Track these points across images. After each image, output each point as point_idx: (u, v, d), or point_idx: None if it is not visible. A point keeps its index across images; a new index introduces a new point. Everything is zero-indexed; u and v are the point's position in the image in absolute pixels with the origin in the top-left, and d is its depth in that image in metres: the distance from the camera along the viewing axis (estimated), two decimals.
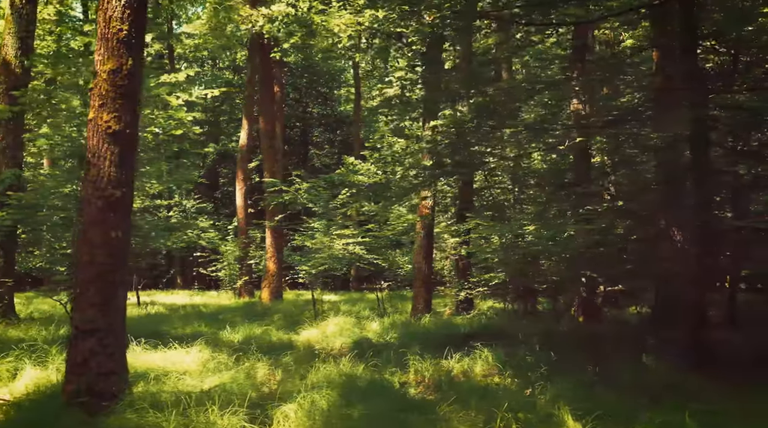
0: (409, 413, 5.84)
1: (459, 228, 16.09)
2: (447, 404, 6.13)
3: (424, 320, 12.92)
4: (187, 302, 21.00)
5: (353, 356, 9.93)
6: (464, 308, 16.25)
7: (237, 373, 7.24)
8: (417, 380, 8.19)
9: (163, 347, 8.63)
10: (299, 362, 8.70)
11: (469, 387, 7.36)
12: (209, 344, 9.34)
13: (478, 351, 9.06)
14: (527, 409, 5.63)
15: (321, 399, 5.93)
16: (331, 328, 12.69)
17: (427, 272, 13.57)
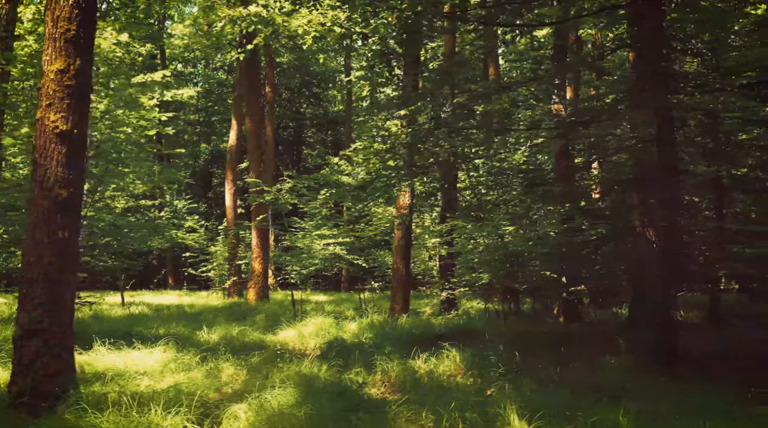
0: (359, 413, 5.86)
1: (441, 228, 16.10)
2: (401, 404, 6.14)
3: (401, 320, 12.93)
4: (174, 303, 21.00)
5: (322, 356, 10.02)
6: (447, 309, 16.28)
7: (197, 374, 7.25)
8: (383, 380, 8.20)
9: (129, 347, 8.60)
10: (266, 362, 8.71)
11: (431, 387, 7.37)
12: (179, 344, 9.34)
13: (446, 351, 9.07)
14: (475, 409, 5.63)
15: (273, 399, 5.94)
16: (308, 329, 12.70)
17: (404, 273, 13.56)
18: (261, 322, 14.38)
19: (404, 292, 13.58)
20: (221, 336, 11.68)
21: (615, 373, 7.50)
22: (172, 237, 21.04)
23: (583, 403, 5.73)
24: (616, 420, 5.11)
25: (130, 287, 27.93)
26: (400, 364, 8.63)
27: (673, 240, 8.86)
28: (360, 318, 13.88)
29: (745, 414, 5.42)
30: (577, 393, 6.30)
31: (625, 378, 7.28)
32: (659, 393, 6.42)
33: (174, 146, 38.54)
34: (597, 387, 6.75)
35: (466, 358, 8.81)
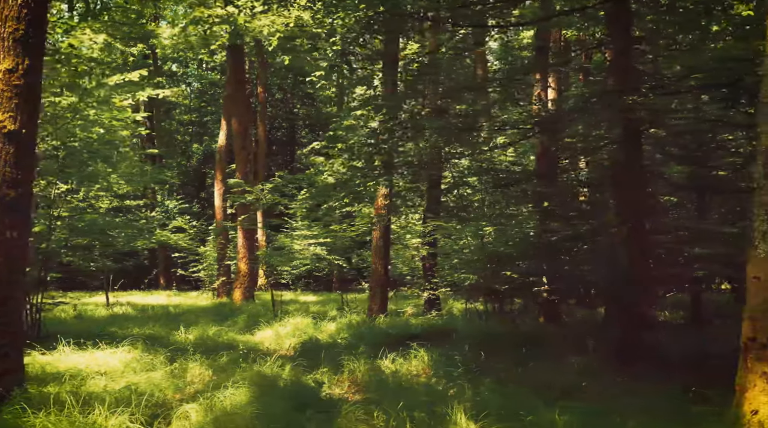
0: (309, 412, 5.87)
1: (424, 228, 16.12)
2: (355, 403, 6.14)
3: (379, 320, 12.95)
4: (162, 303, 21.02)
5: (293, 356, 10.04)
6: (430, 309, 16.30)
7: (159, 374, 7.25)
8: (350, 380, 8.20)
9: (94, 348, 8.60)
10: (234, 362, 8.70)
11: (393, 387, 7.37)
12: (149, 345, 9.33)
13: (415, 351, 9.08)
14: (423, 408, 5.63)
15: (225, 399, 5.94)
16: (286, 329, 12.69)
17: (383, 273, 13.58)
18: (242, 322, 14.37)
19: (382, 292, 13.59)
20: (197, 336, 11.68)
21: (575, 373, 7.52)
22: (158, 238, 20.99)
23: (533, 403, 5.73)
24: (553, 418, 5.12)
25: (120, 287, 27.93)
26: (368, 364, 8.63)
27: (640, 241, 8.87)
28: (339, 319, 13.91)
29: (683, 413, 5.43)
30: (532, 393, 6.31)
31: (584, 378, 7.30)
32: (610, 392, 6.44)
33: (167, 146, 38.66)
34: (554, 386, 6.76)
35: (433, 358, 8.82)
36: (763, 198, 4.94)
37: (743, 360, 4.97)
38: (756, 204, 5.00)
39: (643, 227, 9.10)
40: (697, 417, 5.27)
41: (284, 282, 30.10)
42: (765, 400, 4.75)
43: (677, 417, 5.34)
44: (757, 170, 5.03)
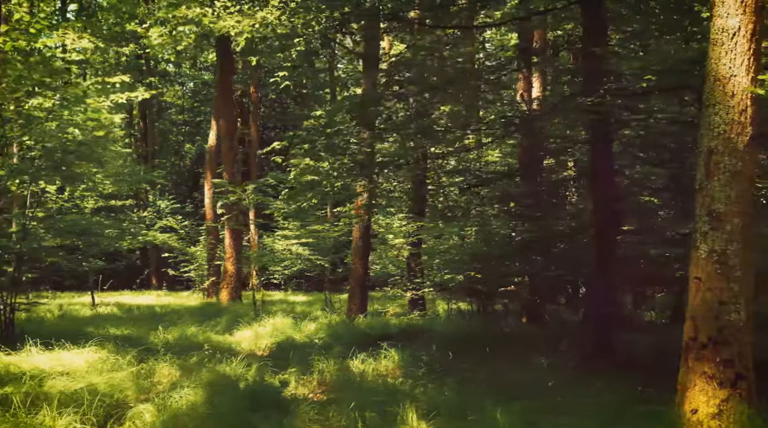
0: (266, 412, 5.91)
1: (407, 228, 16.14)
2: (311, 403, 6.18)
3: (359, 320, 12.98)
4: (150, 303, 21.08)
5: (269, 356, 10.09)
6: (414, 309, 16.34)
7: (123, 374, 7.27)
8: (319, 380, 8.23)
9: (61, 348, 8.63)
10: (205, 362, 8.73)
11: (358, 387, 7.40)
12: (120, 345, 9.35)
13: (385, 351, 9.12)
14: (375, 408, 5.67)
15: (181, 399, 5.98)
16: (265, 329, 12.72)
17: (362, 273, 13.61)
18: (224, 323, 14.38)
19: (362, 292, 13.63)
20: (176, 337, 11.72)
21: (537, 373, 7.56)
22: (144, 238, 21.03)
23: (483, 402, 5.76)
24: (494, 418, 5.16)
25: (112, 287, 27.97)
26: (337, 364, 8.66)
27: (610, 241, 8.90)
28: (320, 319, 13.94)
29: (625, 412, 5.47)
30: (488, 392, 6.34)
31: (545, 377, 7.35)
32: (565, 391, 6.48)
33: (160, 146, 38.69)
34: (511, 386, 6.81)
35: (404, 359, 8.86)
36: (704, 199, 4.98)
37: (684, 360, 5.01)
38: (698, 205, 5.04)
39: (614, 228, 9.14)
40: (639, 416, 5.31)
41: (276, 282, 30.26)
42: (704, 399, 4.78)
43: (618, 415, 5.38)
44: (699, 171, 5.06)
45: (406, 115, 10.28)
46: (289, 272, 25.08)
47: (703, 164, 5.02)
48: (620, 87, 7.19)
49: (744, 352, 4.81)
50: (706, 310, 4.87)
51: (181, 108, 40.50)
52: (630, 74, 6.97)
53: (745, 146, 4.89)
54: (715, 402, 4.72)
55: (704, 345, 4.84)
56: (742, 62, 4.90)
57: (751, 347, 4.87)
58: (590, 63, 8.08)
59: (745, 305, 4.82)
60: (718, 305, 4.82)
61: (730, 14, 4.96)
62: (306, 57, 9.10)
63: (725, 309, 4.81)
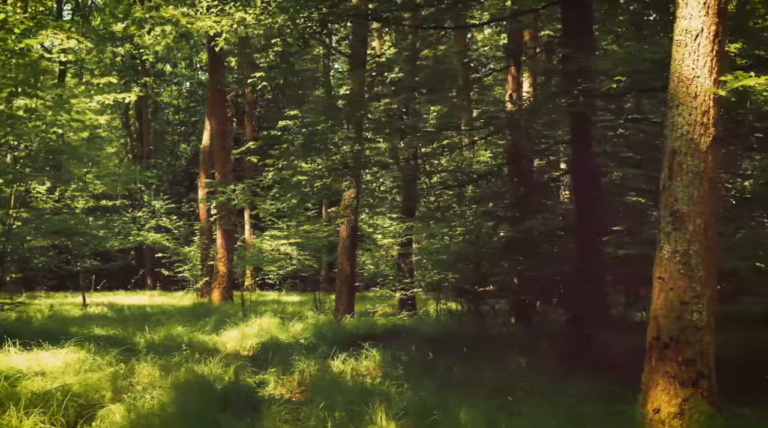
0: (238, 412, 5.94)
1: (396, 228, 16.17)
2: (284, 404, 6.21)
3: (345, 320, 13.00)
4: (143, 303, 21.12)
5: (252, 357, 10.13)
6: (404, 309, 16.36)
7: (100, 374, 7.28)
8: (300, 380, 8.25)
9: (40, 348, 8.64)
10: (185, 363, 8.75)
11: (336, 387, 7.41)
12: (102, 345, 9.35)
13: (366, 351, 9.14)
14: (343, 408, 5.70)
15: (153, 399, 6.00)
16: (252, 329, 12.73)
17: (349, 273, 13.64)
18: (213, 323, 14.39)
19: (349, 292, 13.66)
20: (162, 337, 11.73)
21: (511, 373, 7.60)
22: (135, 238, 21.07)
23: (451, 402, 5.79)
24: (457, 418, 5.18)
25: (107, 287, 27.99)
26: (318, 364, 8.68)
27: (591, 241, 8.93)
28: (307, 319, 13.96)
29: (590, 411, 5.50)
30: (460, 392, 6.38)
31: (526, 377, 7.38)
32: (536, 391, 6.51)
33: (156, 147, 38.68)
34: (484, 386, 6.85)
35: (384, 359, 8.88)
36: (668, 200, 5.00)
37: (648, 360, 5.04)
38: (661, 205, 5.06)
39: (596, 228, 9.15)
40: (603, 416, 5.33)
41: (271, 283, 30.28)
42: (666, 399, 4.80)
43: (582, 415, 5.41)
44: (663, 172, 5.08)
45: (390, 115, 10.31)
46: (284, 272, 25.11)
47: (666, 164, 5.05)
48: (594, 87, 7.20)
49: (706, 352, 4.83)
50: (669, 310, 4.90)
51: (177, 108, 40.50)
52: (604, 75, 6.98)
53: (708, 147, 4.91)
54: (676, 402, 4.74)
55: (666, 345, 4.86)
56: (705, 64, 4.92)
57: (713, 346, 4.89)
58: (568, 63, 8.10)
59: (707, 306, 4.84)
60: (680, 305, 4.85)
61: (693, 16, 4.98)
62: (284, 58, 9.09)
63: (687, 309, 4.83)
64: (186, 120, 39.91)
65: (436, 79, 11.03)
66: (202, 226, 24.36)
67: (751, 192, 7.05)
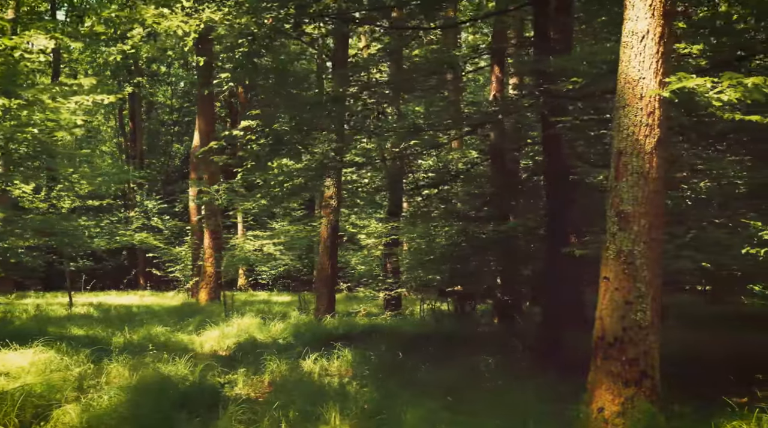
0: (197, 412, 5.98)
1: (380, 229, 16.24)
2: (242, 403, 6.23)
3: (325, 320, 13.02)
4: (132, 303, 21.16)
5: (229, 357, 10.17)
6: (388, 308, 16.41)
7: (64, 374, 7.30)
8: (270, 380, 8.29)
9: (8, 349, 8.66)
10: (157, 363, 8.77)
11: (302, 388, 7.44)
12: (75, 345, 9.37)
13: (338, 351, 9.18)
14: (298, 407, 5.73)
15: (110, 399, 6.03)
16: (232, 329, 12.76)
17: (330, 273, 13.67)
18: (196, 322, 14.44)
19: (329, 292, 13.69)
20: (141, 337, 11.76)
21: (484, 372, 7.64)
22: (121, 238, 21.11)
23: (406, 401, 5.83)
24: (399, 417, 5.22)
25: (97, 288, 28.03)
26: (290, 364, 8.72)
27: (561, 239, 8.94)
28: (289, 319, 13.99)
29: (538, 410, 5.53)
30: (417, 392, 6.41)
31: (491, 376, 7.42)
32: (492, 389, 6.55)
33: (150, 147, 38.69)
34: (443, 385, 6.89)
35: (356, 359, 8.92)
36: (613, 200, 5.03)
37: (594, 359, 5.07)
38: (608, 206, 5.09)
39: (566, 227, 9.18)
40: (551, 415, 5.36)
41: (264, 283, 30.32)
42: (610, 398, 4.83)
43: (530, 414, 5.43)
44: (610, 172, 5.11)
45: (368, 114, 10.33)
46: (276, 272, 25.15)
47: (613, 165, 5.08)
48: (555, 89, 7.22)
49: (649, 351, 4.86)
50: (613, 310, 4.93)
51: (171, 108, 40.53)
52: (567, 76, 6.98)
53: (653, 148, 4.94)
54: (620, 401, 4.77)
55: (611, 344, 4.89)
56: (651, 65, 4.95)
57: (657, 346, 4.92)
58: (535, 63, 8.13)
59: (651, 305, 4.87)
60: (625, 305, 4.88)
61: (639, 18, 5.00)
62: (249, 58, 9.08)
63: (631, 309, 4.86)
64: (180, 120, 39.93)
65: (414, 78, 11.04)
66: (193, 226, 24.40)
67: (706, 193, 7.08)
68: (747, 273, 6.05)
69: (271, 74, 12.38)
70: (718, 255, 5.62)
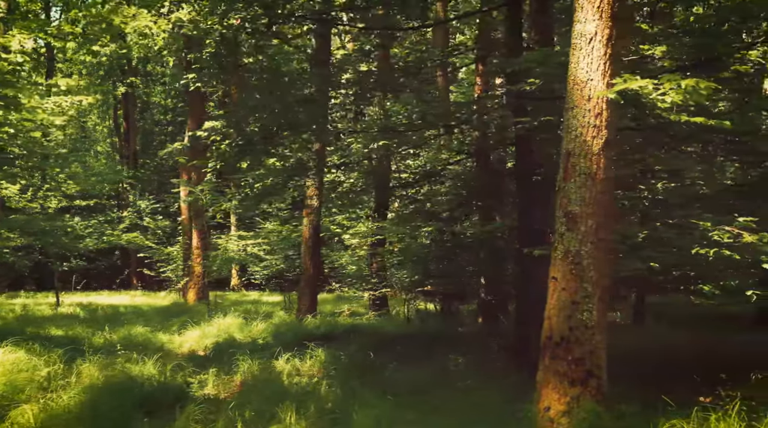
0: (157, 413, 6.02)
1: (365, 229, 16.26)
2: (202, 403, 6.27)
3: (307, 320, 13.05)
4: (122, 303, 21.21)
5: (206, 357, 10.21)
6: (373, 308, 16.43)
7: (24, 374, 7.31)
8: (240, 380, 8.32)
9: None
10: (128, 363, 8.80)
11: (269, 387, 7.47)
12: (48, 345, 9.37)
13: (311, 351, 9.22)
14: (253, 407, 5.77)
15: (69, 399, 6.07)
16: (213, 329, 12.80)
17: (312, 273, 13.70)
18: (180, 322, 14.48)
19: (311, 292, 13.72)
20: (121, 337, 11.80)
21: (451, 372, 7.69)
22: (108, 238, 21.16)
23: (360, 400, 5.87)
24: (350, 417, 5.26)
25: (90, 288, 28.08)
26: (262, 364, 8.76)
27: (532, 239, 8.95)
28: (273, 319, 14.02)
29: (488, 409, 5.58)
30: (381, 392, 6.45)
31: (459, 376, 7.46)
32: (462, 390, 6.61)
33: (144, 146, 38.70)
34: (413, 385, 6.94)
35: (327, 359, 8.96)
36: (562, 201, 5.06)
37: (542, 358, 5.10)
38: (556, 207, 5.12)
39: (537, 228, 9.19)
40: (503, 415, 5.40)
41: (257, 283, 30.34)
42: (556, 397, 4.87)
43: (483, 414, 5.47)
44: (559, 173, 5.14)
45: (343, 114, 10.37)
46: (268, 272, 25.17)
47: (562, 166, 5.11)
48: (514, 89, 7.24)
49: (595, 351, 4.89)
50: (560, 310, 4.96)
51: (165, 108, 40.56)
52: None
53: (601, 149, 4.97)
54: (565, 400, 4.81)
55: (558, 344, 4.92)
56: (599, 67, 4.98)
57: (603, 345, 4.95)
58: (504, 64, 8.16)
59: (597, 305, 4.90)
60: (572, 305, 4.91)
61: (587, 20, 5.03)
62: (216, 58, 9.09)
63: (578, 309, 4.89)
64: (174, 120, 39.95)
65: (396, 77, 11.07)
66: (184, 226, 24.44)
67: (662, 193, 7.09)
68: (698, 274, 6.07)
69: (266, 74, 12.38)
70: (667, 256, 5.65)
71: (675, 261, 5.75)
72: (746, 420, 4.68)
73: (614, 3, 4.97)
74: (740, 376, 6.89)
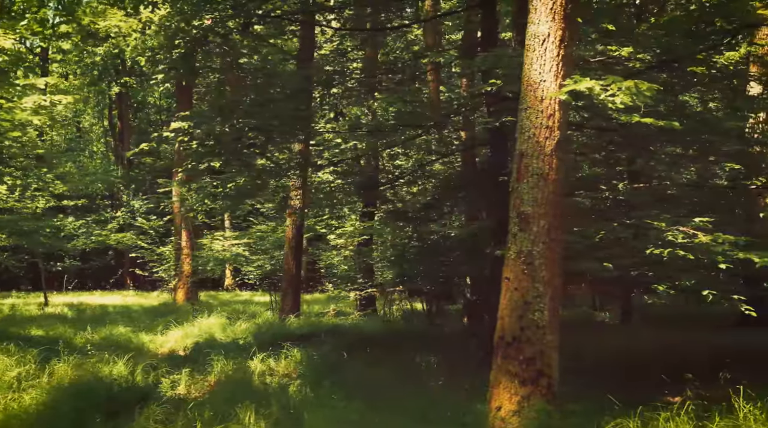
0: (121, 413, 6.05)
1: (355, 229, 16.31)
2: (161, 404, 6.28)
3: (289, 320, 13.06)
4: (113, 303, 21.24)
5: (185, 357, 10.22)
6: (360, 308, 16.47)
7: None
8: (214, 380, 8.33)
9: None
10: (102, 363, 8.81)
11: (239, 387, 7.49)
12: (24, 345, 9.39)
13: (286, 351, 9.25)
14: (213, 408, 5.79)
15: (31, 399, 6.09)
16: (195, 329, 12.81)
17: (295, 273, 13.72)
18: (165, 322, 14.48)
19: (294, 292, 13.74)
20: (102, 337, 11.82)
21: (424, 372, 7.72)
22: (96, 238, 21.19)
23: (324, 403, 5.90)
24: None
25: (81, 287, 28.11)
26: (237, 364, 8.77)
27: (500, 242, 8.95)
28: (256, 319, 14.03)
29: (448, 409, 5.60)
30: (344, 393, 6.47)
31: (427, 376, 7.48)
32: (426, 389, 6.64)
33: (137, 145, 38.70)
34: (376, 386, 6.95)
35: (302, 358, 8.98)
36: (515, 201, 5.08)
37: (494, 358, 5.11)
38: (510, 207, 5.14)
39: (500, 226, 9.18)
40: (461, 414, 5.42)
41: (251, 283, 30.34)
42: (507, 397, 4.88)
43: (439, 414, 5.50)
44: (512, 174, 5.16)
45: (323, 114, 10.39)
46: (261, 272, 25.17)
47: (515, 166, 5.12)
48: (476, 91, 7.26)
49: (546, 351, 4.91)
50: (512, 309, 4.98)
51: (160, 108, 40.59)
52: None
53: (553, 150, 4.98)
54: (516, 399, 4.82)
55: (509, 344, 4.94)
56: (551, 68, 5.00)
57: (554, 345, 4.96)
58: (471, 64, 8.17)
59: (549, 305, 4.92)
60: (523, 305, 4.92)
61: (541, 21, 5.05)
62: (185, 59, 9.08)
63: (530, 308, 4.91)
64: (168, 120, 39.95)
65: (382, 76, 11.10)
66: (176, 226, 24.44)
67: (623, 194, 7.11)
68: (656, 274, 6.08)
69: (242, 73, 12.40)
70: (621, 257, 5.66)
71: (631, 262, 5.76)
72: (695, 420, 4.70)
73: (567, 5, 4.99)
74: (709, 376, 6.91)
